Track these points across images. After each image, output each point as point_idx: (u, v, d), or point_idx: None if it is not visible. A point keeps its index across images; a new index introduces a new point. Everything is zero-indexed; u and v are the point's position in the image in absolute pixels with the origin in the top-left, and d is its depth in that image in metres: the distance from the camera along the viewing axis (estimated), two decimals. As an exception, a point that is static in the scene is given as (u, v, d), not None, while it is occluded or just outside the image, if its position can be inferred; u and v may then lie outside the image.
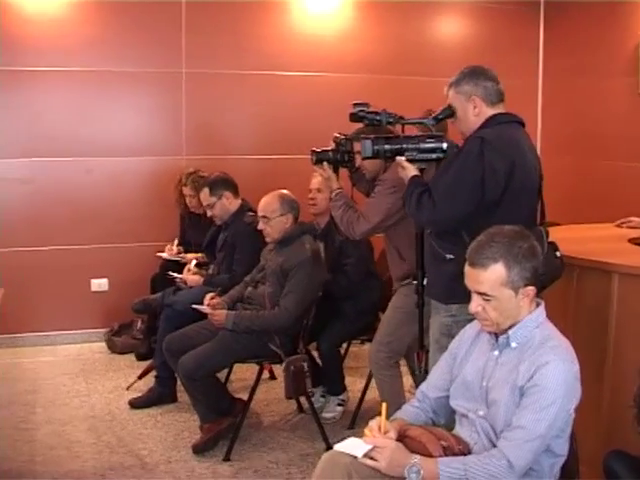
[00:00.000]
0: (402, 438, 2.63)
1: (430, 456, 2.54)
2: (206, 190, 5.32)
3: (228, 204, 5.28)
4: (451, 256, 3.30)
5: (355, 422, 4.83)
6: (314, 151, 3.86)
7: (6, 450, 4.38)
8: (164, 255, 6.08)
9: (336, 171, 3.97)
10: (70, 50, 6.44)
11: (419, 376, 3.68)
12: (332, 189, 4.02)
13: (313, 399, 4.80)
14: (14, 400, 5.23)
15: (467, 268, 2.63)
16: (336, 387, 5.10)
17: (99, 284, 6.65)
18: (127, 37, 6.54)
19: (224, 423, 4.53)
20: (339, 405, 5.05)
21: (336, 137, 3.87)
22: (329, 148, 3.87)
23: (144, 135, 6.72)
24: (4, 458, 4.30)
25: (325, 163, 3.88)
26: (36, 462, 4.35)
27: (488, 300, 2.59)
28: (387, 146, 3.51)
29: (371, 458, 2.54)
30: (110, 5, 6.46)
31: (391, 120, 3.57)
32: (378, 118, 3.57)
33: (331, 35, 7.00)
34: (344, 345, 5.34)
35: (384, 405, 2.68)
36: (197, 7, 6.64)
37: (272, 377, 5.57)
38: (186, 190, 6.04)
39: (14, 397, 5.28)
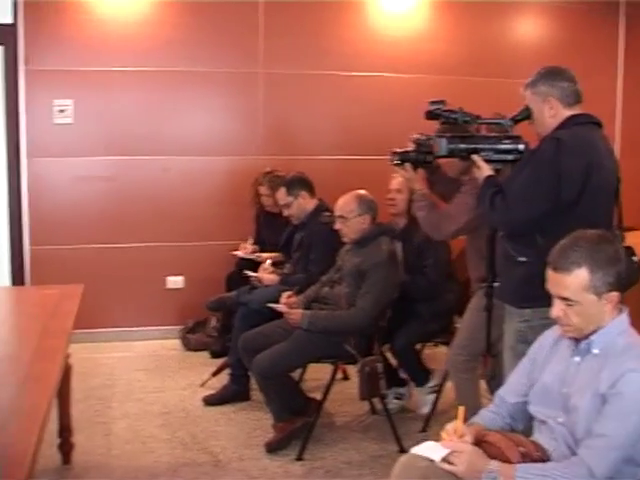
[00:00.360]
0: (480, 443, 2.60)
1: (508, 462, 2.51)
2: (283, 190, 5.34)
3: (304, 204, 5.29)
4: (523, 259, 3.26)
5: (428, 425, 4.79)
6: (396, 152, 3.81)
7: (83, 443, 4.43)
8: (239, 254, 6.11)
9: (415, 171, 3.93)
10: (149, 51, 6.52)
11: (493, 382, 3.65)
12: (415, 190, 3.97)
13: (386, 400, 4.78)
14: (90, 394, 5.30)
15: (549, 272, 2.59)
16: (420, 378, 5.05)
17: (175, 281, 6.72)
18: (204, 38, 6.60)
19: (297, 422, 4.53)
20: (430, 394, 4.98)
21: (417, 138, 3.83)
22: (409, 149, 3.83)
23: (220, 134, 6.76)
24: (81, 450, 4.34)
25: (407, 164, 3.82)
26: (112, 455, 4.40)
27: (571, 305, 2.54)
28: (462, 145, 3.47)
29: (448, 462, 2.51)
30: (187, 6, 6.53)
31: (467, 119, 3.53)
32: (454, 116, 3.52)
33: (406, 35, 6.96)
34: (417, 347, 5.30)
35: (461, 409, 2.65)
36: (274, 7, 6.66)
37: (345, 377, 5.55)
38: (262, 189, 6.06)
39: (90, 391, 5.35)
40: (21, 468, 2.03)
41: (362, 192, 4.62)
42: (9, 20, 6.37)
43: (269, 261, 5.59)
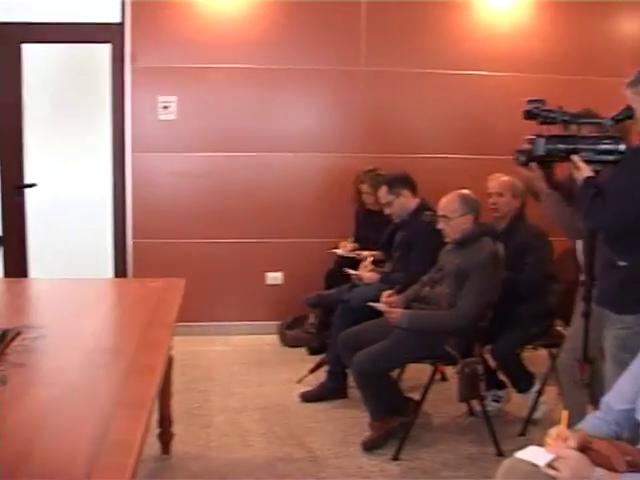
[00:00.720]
0: (585, 450, 2.54)
1: (614, 471, 2.44)
2: (385, 188, 5.32)
3: (406, 202, 5.26)
4: (623, 263, 3.17)
5: (526, 429, 4.72)
6: (521, 151, 3.69)
7: (183, 434, 4.50)
8: (339, 251, 6.12)
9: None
10: (251, 48, 6.57)
11: (590, 389, 3.57)
12: (540, 190, 3.83)
13: (484, 402, 4.72)
14: (190, 387, 5.38)
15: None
16: (523, 384, 4.97)
17: (274, 277, 6.77)
18: (306, 35, 6.62)
19: (394, 422, 4.51)
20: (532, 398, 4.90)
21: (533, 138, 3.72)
22: (527, 148, 3.70)
23: (321, 131, 6.78)
24: (181, 441, 4.42)
25: (533, 163, 3.69)
26: (211, 447, 4.47)
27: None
28: (561, 145, 3.37)
29: (553, 468, 2.46)
30: (290, 3, 6.57)
31: (566, 119, 3.43)
32: (552, 116, 3.43)
33: (508, 33, 6.85)
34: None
35: (564, 413, 2.60)
36: (376, 5, 6.63)
37: (443, 378, 5.51)
38: (363, 187, 6.05)
39: (190, 384, 5.42)
40: (128, 458, 2.05)
41: (465, 192, 4.56)
42: (117, 19, 6.52)
43: (369, 259, 5.59)
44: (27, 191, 6.71)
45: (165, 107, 6.51)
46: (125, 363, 2.87)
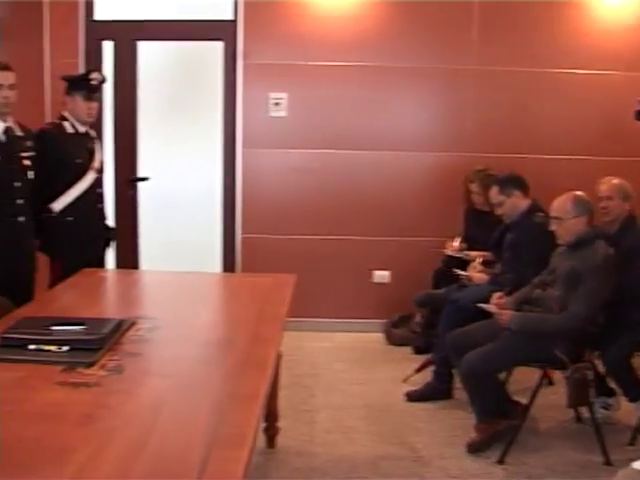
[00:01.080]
0: None
1: None
2: (496, 188, 5.25)
3: (517, 203, 5.17)
4: None
5: (636, 438, 4.58)
6: None
7: (287, 428, 4.52)
8: (448, 251, 6.07)
9: None
10: (362, 46, 6.56)
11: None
12: None
13: (593, 409, 4.63)
14: (295, 382, 5.41)
15: None
16: (633, 392, 4.81)
17: (381, 275, 6.76)
18: (418, 33, 6.57)
19: (501, 425, 4.45)
20: None
21: None
22: None
23: (431, 130, 6.73)
24: (285, 435, 4.45)
25: None
26: (315, 443, 4.49)
27: None
28: None
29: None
30: (401, 2, 6.52)
31: None
32: None
33: (623, 30, 6.66)
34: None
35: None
36: (490, 4, 6.54)
37: (550, 382, 5.40)
38: (473, 187, 5.98)
39: (296, 379, 5.45)
40: (242, 451, 2.08)
41: (579, 193, 4.47)
42: (230, 17, 6.61)
43: (479, 260, 5.53)
44: (140, 185, 6.87)
45: (276, 104, 6.57)
46: (237, 357, 2.90)
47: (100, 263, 5.20)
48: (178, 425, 2.31)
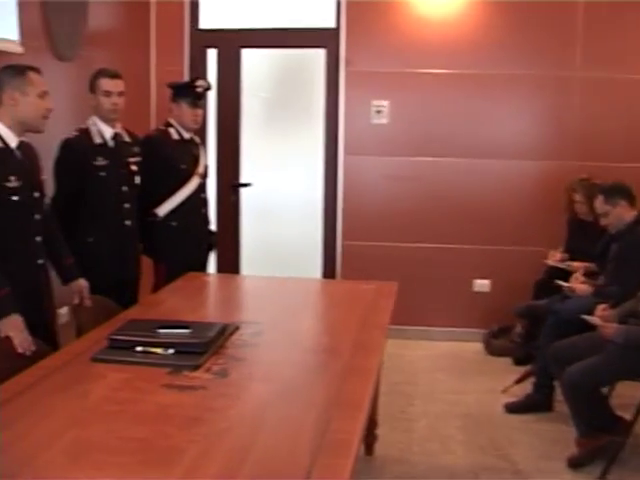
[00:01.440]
0: None
1: None
2: (601, 198, 5.15)
3: (623, 213, 5.06)
4: None
5: None
6: None
7: (385, 435, 4.52)
8: (550, 261, 5.99)
9: None
10: (463, 53, 6.53)
11: None
12: None
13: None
14: (395, 389, 5.39)
15: None
16: None
17: (481, 285, 6.70)
18: (519, 40, 6.48)
19: (602, 440, 4.34)
20: None
21: None
22: None
23: (533, 138, 6.63)
24: (383, 442, 4.45)
25: None
26: (412, 452, 4.47)
27: None
28: None
29: None
30: (503, 7, 6.45)
31: None
32: None
33: None
34: None
35: None
36: (594, 8, 6.40)
37: (655, 398, 5.30)
38: (576, 196, 5.89)
39: (395, 386, 5.44)
40: (347, 458, 2.09)
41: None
42: (332, 24, 6.66)
43: (582, 271, 5.44)
44: (242, 190, 6.95)
45: (378, 111, 6.58)
46: (341, 363, 2.91)
47: (202, 267, 5.27)
48: (283, 431, 2.33)
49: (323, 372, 2.89)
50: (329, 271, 6.83)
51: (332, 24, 6.69)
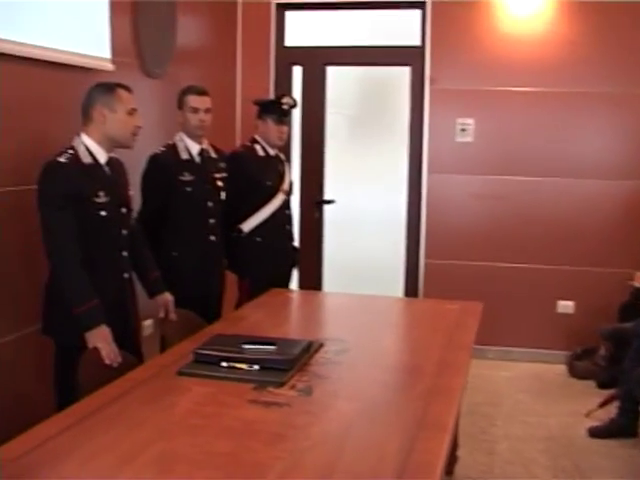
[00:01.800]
0: None
1: None
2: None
3: None
4: None
5: None
6: None
7: (466, 457, 4.49)
8: (636, 284, 5.88)
9: None
10: (549, 71, 6.44)
11: None
12: None
13: None
14: (475, 410, 5.35)
15: None
16: None
17: (565, 306, 6.58)
18: (604, 56, 6.37)
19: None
20: None
21: None
22: None
23: (618, 157, 6.48)
24: (463, 464, 4.41)
25: None
26: (494, 474, 4.42)
27: None
28: None
29: None
30: (586, 25, 6.35)
31: None
32: None
33: None
34: None
35: None
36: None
37: None
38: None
39: (476, 407, 5.39)
40: (433, 478, 2.08)
41: None
42: (417, 42, 6.66)
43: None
44: (325, 207, 6.98)
45: (463, 129, 6.55)
46: (425, 383, 2.90)
47: (286, 283, 5.30)
48: (367, 450, 2.33)
49: (407, 392, 2.88)
50: (411, 289, 6.80)
51: (417, 42, 6.69)
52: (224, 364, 2.96)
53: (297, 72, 6.99)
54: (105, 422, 2.49)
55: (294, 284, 6.22)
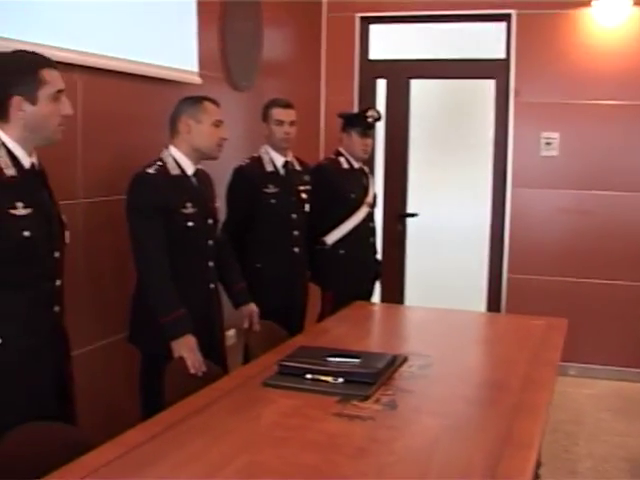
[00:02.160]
0: None
1: None
2: None
3: None
4: None
5: None
6: None
7: (548, 475, 4.43)
8: None
9: None
10: (629, 83, 6.35)
11: None
12: None
13: None
14: (558, 428, 5.27)
15: None
16: None
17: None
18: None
19: None
20: None
21: None
22: None
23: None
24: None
25: None
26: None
27: None
28: None
29: None
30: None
31: None
32: None
33: None
34: None
35: None
36: None
37: None
38: None
39: (558, 425, 5.32)
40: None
41: None
42: (502, 55, 6.62)
43: None
44: (408, 220, 6.97)
45: (547, 143, 6.49)
46: (510, 400, 2.88)
47: (368, 296, 5.30)
48: (451, 467, 2.31)
49: (492, 408, 2.86)
50: (494, 304, 6.74)
51: (502, 55, 6.65)
52: (308, 376, 2.97)
53: (381, 85, 7.00)
54: (192, 431, 2.53)
55: (376, 297, 6.22)
